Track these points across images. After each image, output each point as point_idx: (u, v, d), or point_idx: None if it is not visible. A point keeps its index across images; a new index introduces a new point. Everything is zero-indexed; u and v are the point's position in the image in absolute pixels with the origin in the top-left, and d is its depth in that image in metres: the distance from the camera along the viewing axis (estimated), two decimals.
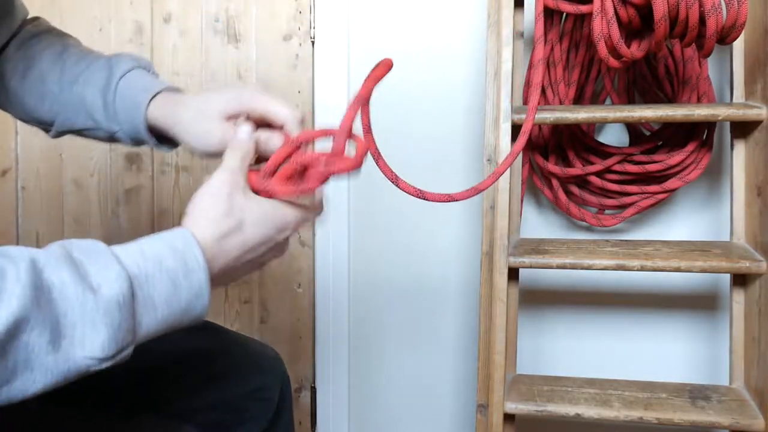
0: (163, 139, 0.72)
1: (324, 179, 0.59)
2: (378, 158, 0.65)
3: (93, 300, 0.43)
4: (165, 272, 0.48)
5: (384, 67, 0.60)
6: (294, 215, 0.58)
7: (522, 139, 0.76)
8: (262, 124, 0.65)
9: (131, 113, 0.70)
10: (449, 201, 0.68)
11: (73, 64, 0.75)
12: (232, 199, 0.55)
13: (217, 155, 0.65)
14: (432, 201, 0.68)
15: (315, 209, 0.61)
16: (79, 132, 0.76)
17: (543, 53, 0.95)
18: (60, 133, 0.77)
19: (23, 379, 0.42)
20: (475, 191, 0.69)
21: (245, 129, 0.62)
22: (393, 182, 0.66)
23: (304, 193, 0.59)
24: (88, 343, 0.43)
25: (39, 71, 0.75)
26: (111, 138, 0.74)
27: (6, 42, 0.77)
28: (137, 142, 0.73)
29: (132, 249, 0.48)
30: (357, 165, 0.60)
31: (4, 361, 0.41)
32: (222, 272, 0.54)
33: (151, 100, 0.70)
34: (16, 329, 0.40)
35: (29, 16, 0.81)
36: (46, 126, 0.77)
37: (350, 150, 0.61)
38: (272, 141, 0.64)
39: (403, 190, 0.66)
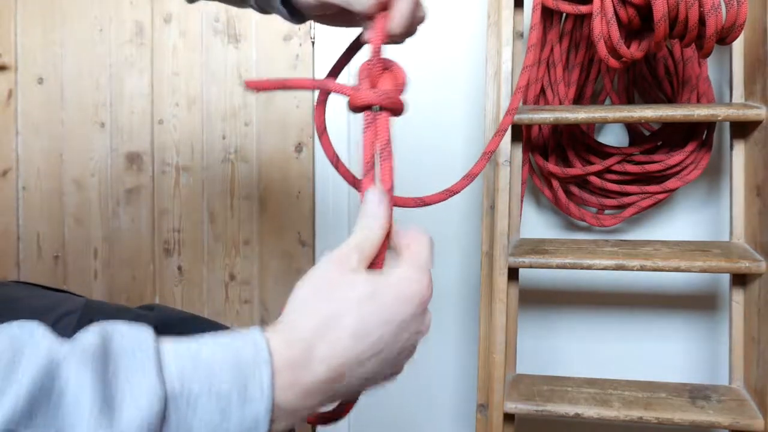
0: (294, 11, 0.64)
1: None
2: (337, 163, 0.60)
3: (108, 425, 0.35)
4: (215, 396, 0.38)
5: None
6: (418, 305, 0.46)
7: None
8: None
9: None
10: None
11: None
12: (333, 293, 0.45)
13: (362, 17, 0.58)
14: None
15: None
16: None
17: (534, 59, 0.94)
18: None
19: None
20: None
21: (374, 193, 0.51)
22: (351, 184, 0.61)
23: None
24: None
25: None
26: None
27: None
28: (264, 6, 0.66)
29: (188, 350, 0.39)
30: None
31: None
32: (305, 396, 0.42)
33: None
34: None
35: None
36: None
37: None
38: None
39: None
